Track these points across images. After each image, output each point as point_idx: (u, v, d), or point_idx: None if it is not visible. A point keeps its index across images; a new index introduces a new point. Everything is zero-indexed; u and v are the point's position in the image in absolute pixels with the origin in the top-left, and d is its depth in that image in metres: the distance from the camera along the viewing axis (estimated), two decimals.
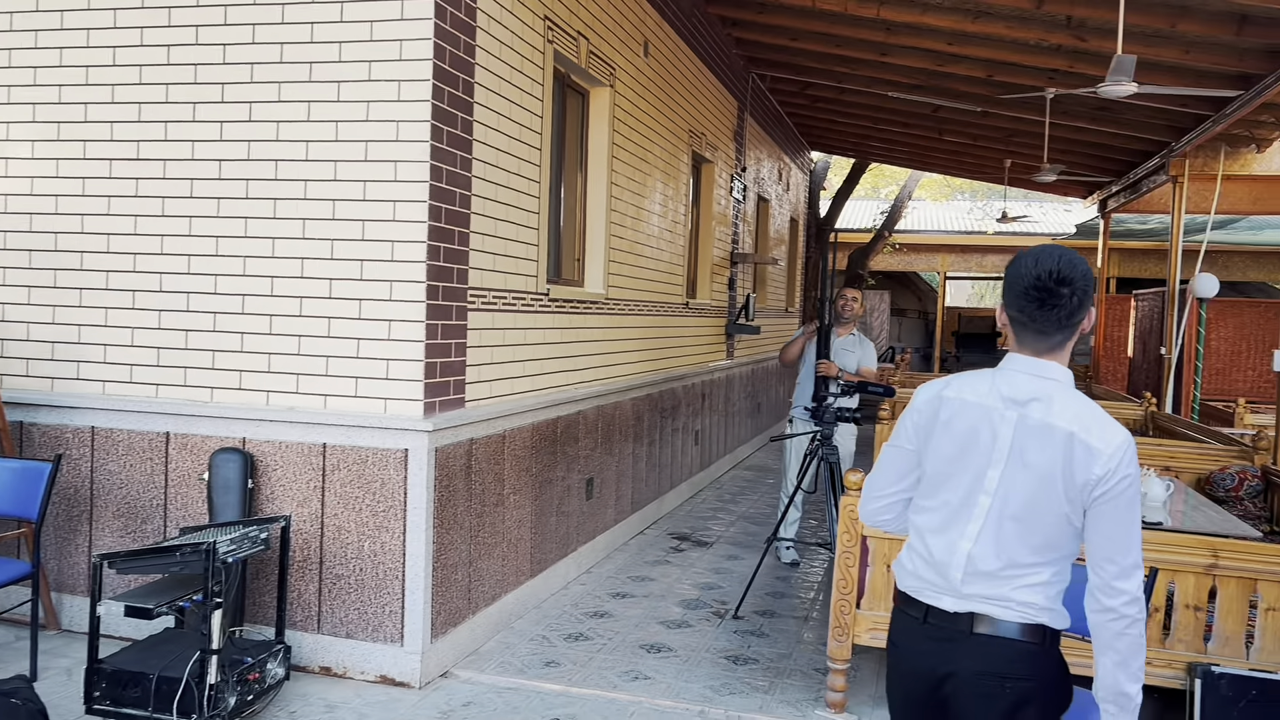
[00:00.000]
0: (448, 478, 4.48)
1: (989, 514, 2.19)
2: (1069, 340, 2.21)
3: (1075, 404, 2.16)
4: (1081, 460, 2.10)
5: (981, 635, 2.17)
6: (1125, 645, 2.11)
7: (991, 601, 2.17)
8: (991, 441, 2.19)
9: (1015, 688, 2.14)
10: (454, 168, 4.45)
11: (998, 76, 8.84)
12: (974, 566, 2.19)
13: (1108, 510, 2.10)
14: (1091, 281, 2.18)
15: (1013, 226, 19.55)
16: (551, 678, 4.49)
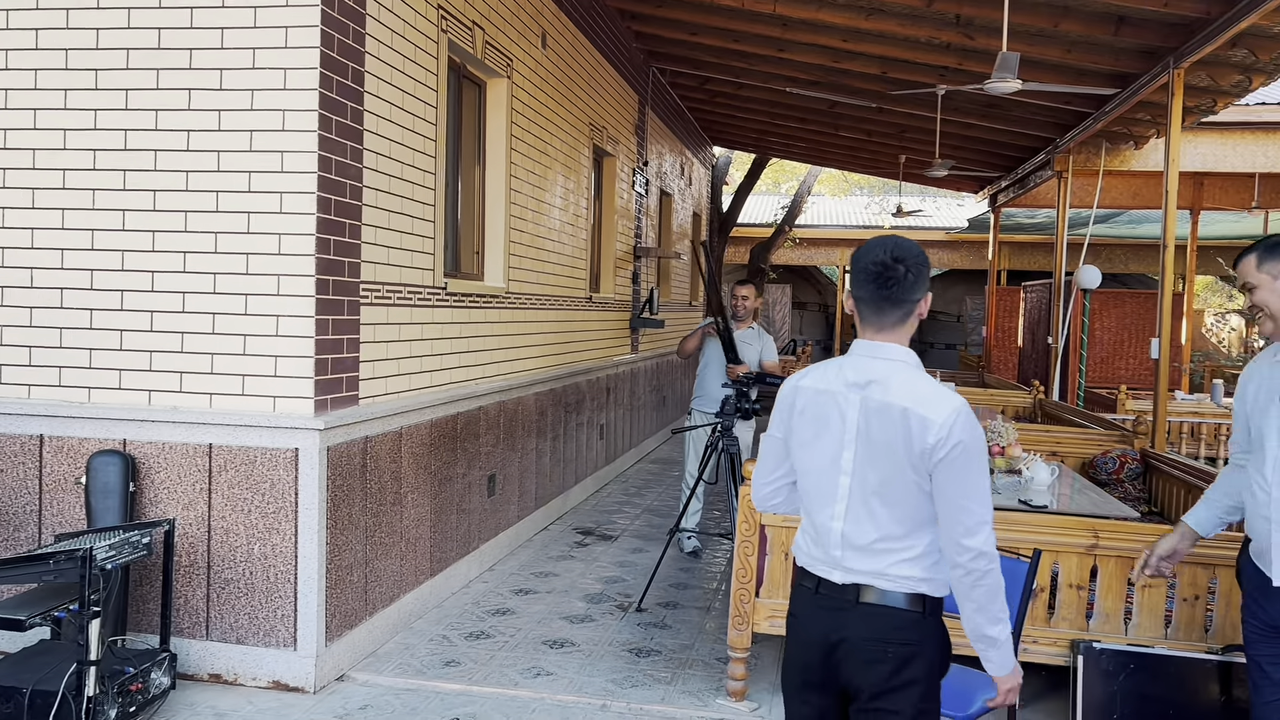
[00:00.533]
0: (341, 477, 4.38)
1: (851, 493, 2.35)
2: (905, 320, 2.37)
3: (910, 381, 2.31)
4: (917, 431, 2.25)
5: (866, 605, 2.33)
6: (981, 594, 2.28)
7: (873, 574, 2.33)
8: (841, 424, 2.35)
9: (898, 652, 2.30)
10: (344, 159, 4.34)
11: (891, 73, 9.04)
12: (849, 543, 2.35)
13: (947, 474, 2.24)
14: (925, 264, 2.36)
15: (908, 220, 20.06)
16: (452, 677, 4.43)
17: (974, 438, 2.26)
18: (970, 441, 2.25)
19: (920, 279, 2.34)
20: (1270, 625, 2.93)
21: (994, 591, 2.29)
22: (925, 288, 2.36)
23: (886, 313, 2.35)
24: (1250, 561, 3.01)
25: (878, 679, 2.30)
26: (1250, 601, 3.01)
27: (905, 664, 2.30)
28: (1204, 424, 10.80)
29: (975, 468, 2.26)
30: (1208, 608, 4.00)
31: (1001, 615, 2.32)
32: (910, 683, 2.31)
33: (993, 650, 2.36)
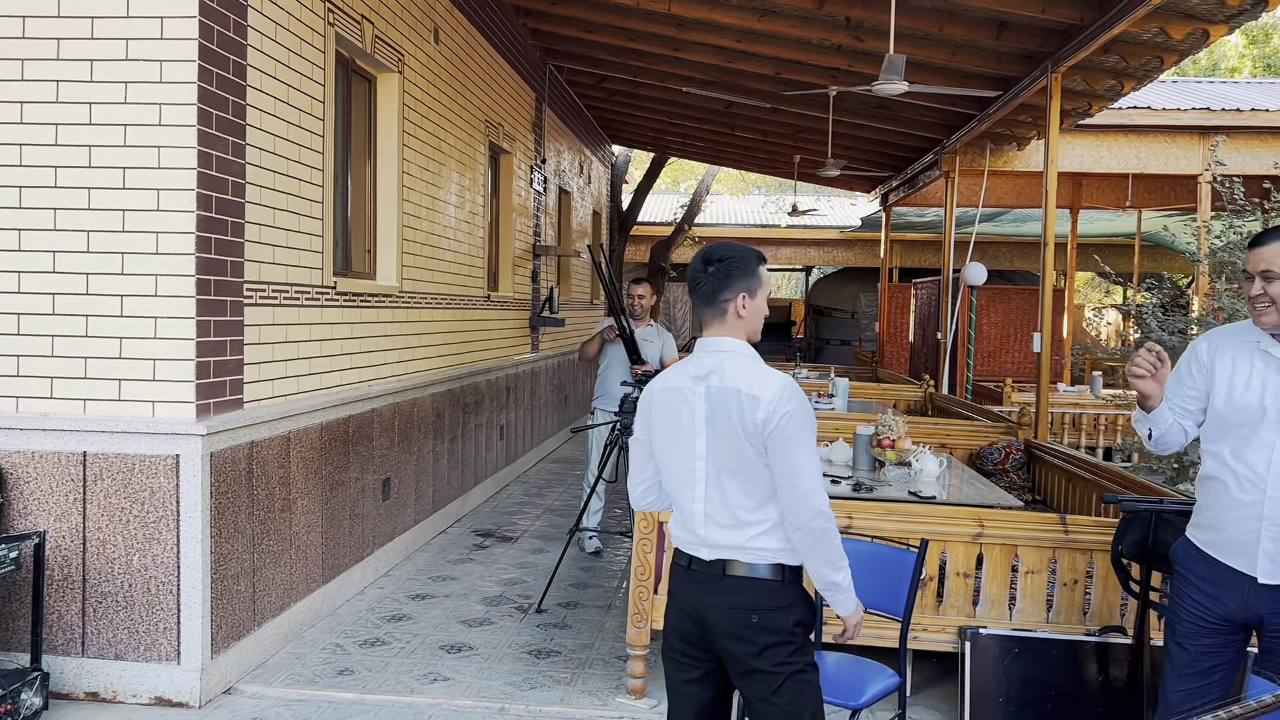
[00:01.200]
0: (226, 483, 4.23)
1: (707, 476, 2.57)
2: (725, 316, 2.60)
3: (742, 366, 2.55)
4: (749, 409, 2.49)
5: (732, 577, 2.56)
6: (823, 549, 2.52)
7: (734, 549, 2.56)
8: (691, 415, 2.58)
9: (764, 618, 2.53)
10: (226, 154, 4.20)
11: (785, 74, 9.19)
12: (711, 521, 2.57)
13: (779, 444, 2.48)
14: (738, 265, 2.59)
15: (804, 220, 20.43)
16: (345, 686, 4.32)
17: (799, 410, 2.49)
18: (795, 413, 2.48)
19: (728, 279, 2.57)
20: (1222, 618, 2.87)
21: (833, 545, 2.53)
22: (737, 287, 2.58)
23: (706, 312, 2.63)
24: (1202, 555, 2.93)
25: (749, 643, 2.52)
26: (1194, 593, 2.93)
27: (770, 628, 2.52)
28: (1084, 415, 11.28)
29: (803, 437, 2.49)
30: (1086, 591, 4.17)
31: (842, 563, 2.56)
32: (779, 643, 2.52)
33: (839, 594, 2.60)
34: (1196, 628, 2.91)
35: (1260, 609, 2.79)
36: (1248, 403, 2.84)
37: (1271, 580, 2.77)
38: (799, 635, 2.56)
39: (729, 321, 2.61)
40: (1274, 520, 2.75)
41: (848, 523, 4.14)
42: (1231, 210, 8.01)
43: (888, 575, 3.51)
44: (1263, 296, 2.82)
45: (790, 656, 2.54)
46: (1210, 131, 11.03)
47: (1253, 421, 2.82)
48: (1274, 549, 2.76)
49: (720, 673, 2.64)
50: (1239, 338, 2.93)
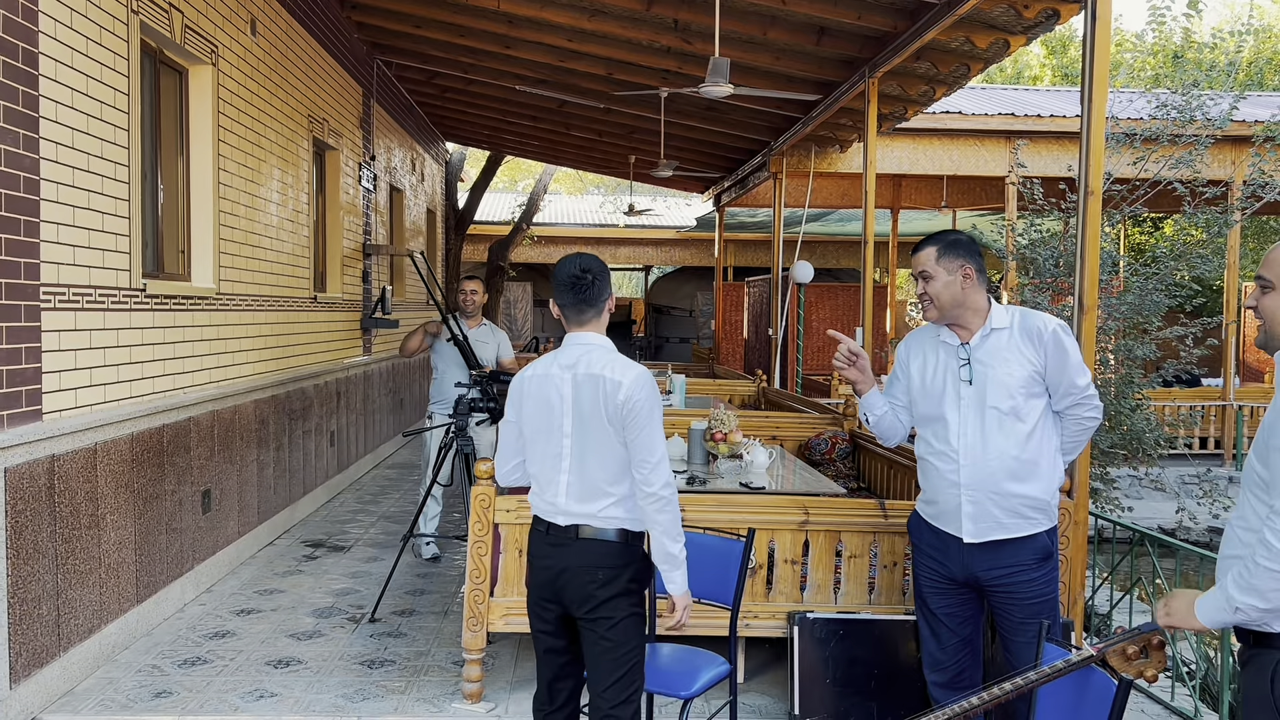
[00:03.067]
0: (24, 500, 3.93)
1: (572, 453, 2.96)
2: (599, 315, 3.04)
3: (606, 357, 2.97)
4: (610, 393, 2.90)
5: (583, 540, 2.95)
6: (665, 519, 2.92)
7: (587, 516, 2.95)
8: (560, 400, 2.96)
9: (607, 575, 2.92)
10: (16, 148, 3.90)
11: (617, 75, 9.26)
12: (571, 493, 2.96)
13: (635, 422, 2.90)
14: (606, 272, 3.05)
15: (640, 219, 20.68)
16: (162, 709, 4.10)
17: (652, 394, 2.91)
18: (648, 398, 2.91)
19: (605, 284, 3.03)
20: (949, 579, 3.28)
21: (676, 515, 2.94)
22: (607, 291, 3.04)
23: (584, 311, 3.02)
24: (925, 524, 3.35)
25: (594, 595, 2.91)
26: (927, 560, 3.35)
27: (613, 582, 2.92)
28: None
29: (656, 416, 2.91)
30: (905, 573, 4.37)
31: (680, 537, 2.97)
32: (620, 595, 2.92)
33: (675, 569, 2.98)
34: (933, 589, 3.33)
35: (974, 568, 3.21)
36: (935, 387, 3.28)
37: (973, 539, 3.19)
38: (635, 587, 2.97)
39: (602, 319, 3.04)
40: (970, 486, 3.17)
41: (681, 515, 4.20)
42: (1033, 210, 8.58)
43: (718, 565, 3.60)
44: (924, 295, 3.27)
45: (630, 609, 2.95)
46: (1014, 135, 11.78)
47: (941, 403, 3.25)
48: (974, 511, 3.18)
49: (567, 621, 3.01)
50: (926, 335, 3.40)
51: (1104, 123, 4.68)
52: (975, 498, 3.16)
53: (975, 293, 3.23)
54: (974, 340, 3.23)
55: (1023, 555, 3.17)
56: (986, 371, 3.18)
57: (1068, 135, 11.89)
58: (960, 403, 3.20)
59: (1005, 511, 3.15)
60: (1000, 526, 3.16)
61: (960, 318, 3.25)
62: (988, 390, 3.17)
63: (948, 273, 3.21)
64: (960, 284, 3.20)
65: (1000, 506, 3.15)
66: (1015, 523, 3.16)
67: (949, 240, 3.25)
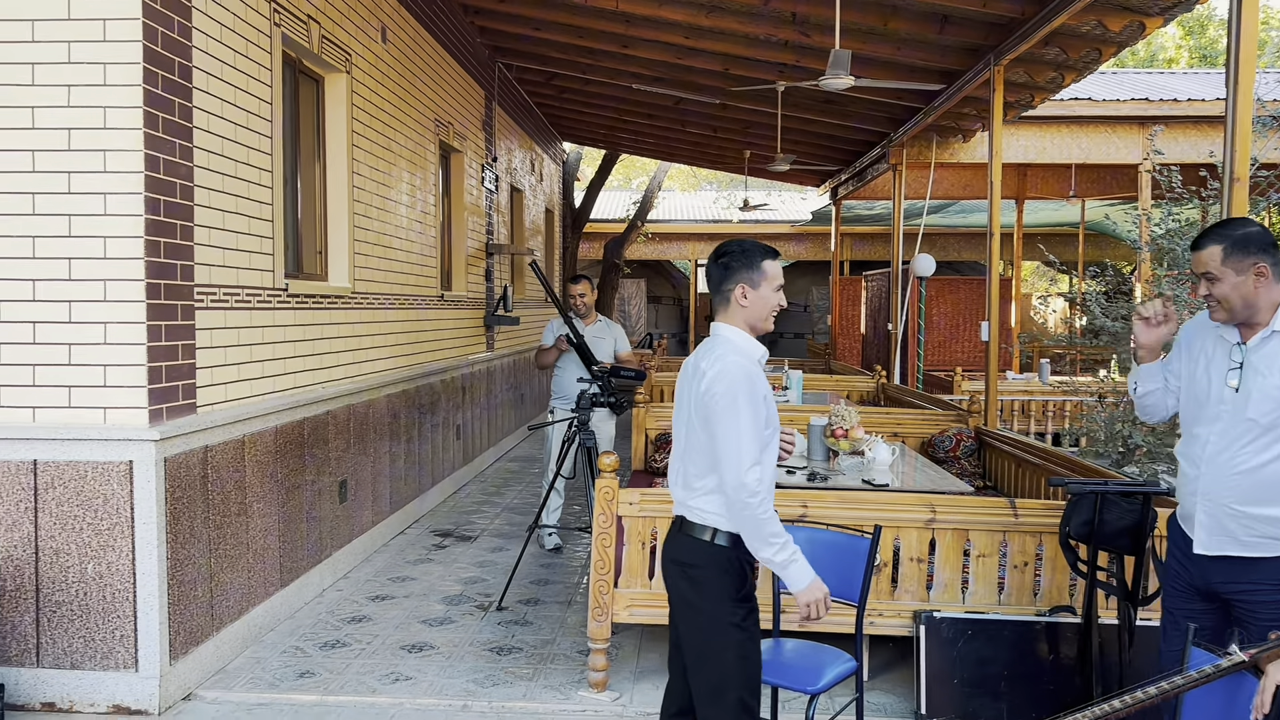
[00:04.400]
0: (181, 489, 4.20)
1: (684, 441, 2.95)
2: (725, 303, 2.94)
3: (715, 347, 2.90)
4: (696, 382, 2.86)
5: (679, 534, 2.95)
6: (746, 522, 2.79)
7: (684, 507, 2.94)
8: (685, 389, 2.97)
9: (695, 572, 2.87)
10: (173, 157, 4.16)
11: (733, 70, 9.26)
12: (677, 482, 2.97)
13: (709, 418, 2.80)
14: (739, 258, 2.90)
15: (755, 214, 20.57)
16: (306, 689, 4.31)
17: (730, 391, 2.76)
18: (724, 394, 2.76)
19: (729, 271, 2.90)
20: (1189, 584, 3.03)
21: (758, 520, 2.77)
22: (737, 279, 2.89)
23: (714, 299, 2.98)
24: (1178, 525, 3.10)
25: (685, 594, 2.89)
26: (1173, 562, 3.10)
27: (703, 582, 2.86)
28: (1033, 401, 11.50)
29: (731, 415, 2.76)
30: (1036, 573, 4.27)
31: (774, 540, 2.80)
32: (707, 597, 2.84)
33: (780, 570, 2.85)
34: (1172, 590, 3.11)
35: (1210, 579, 2.95)
36: (1199, 385, 3.00)
37: (1203, 551, 2.94)
38: (729, 591, 2.84)
39: (731, 309, 2.93)
40: (1207, 497, 2.91)
41: (803, 511, 4.21)
42: (1170, 199, 8.23)
43: (843, 562, 3.58)
44: (1209, 297, 2.93)
45: (715, 606, 2.84)
46: (1149, 121, 11.30)
47: (1199, 403, 2.99)
48: (1208, 522, 2.92)
49: None
50: (1209, 324, 3.05)
51: (1251, 105, 4.46)
52: (1211, 510, 2.90)
53: (1271, 290, 2.86)
54: (1253, 341, 2.89)
55: (1263, 575, 2.85)
56: (1256, 379, 2.85)
57: (1207, 120, 11.34)
58: (1220, 408, 2.90)
59: (1243, 529, 2.86)
60: (1236, 543, 2.88)
61: (1253, 317, 2.89)
62: (1251, 400, 2.84)
63: (1237, 273, 2.84)
64: (1253, 284, 2.84)
65: (1238, 523, 2.86)
66: (1256, 542, 2.85)
67: (1237, 236, 2.86)
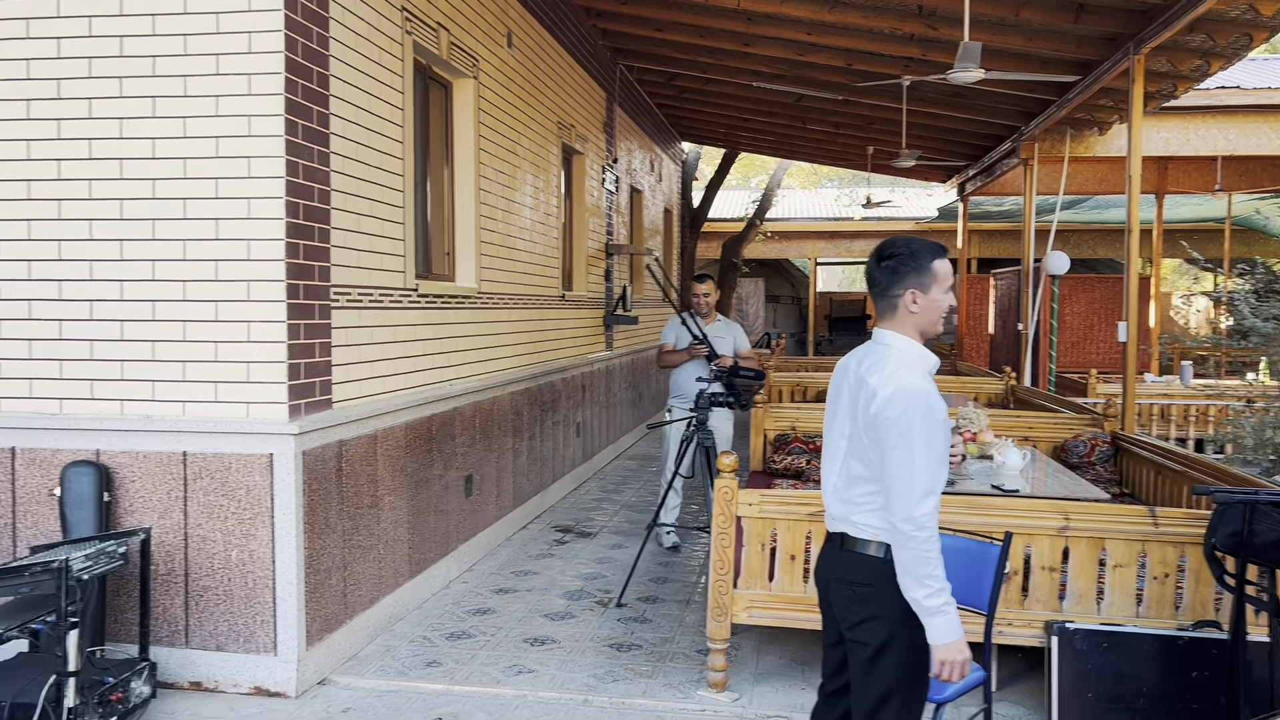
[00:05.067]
0: (317, 481, 4.37)
1: (844, 453, 2.76)
2: (893, 311, 2.74)
3: (884, 360, 2.67)
4: (866, 399, 2.65)
5: (843, 551, 2.76)
6: (907, 557, 2.56)
7: (848, 523, 2.75)
8: (845, 397, 2.78)
9: (860, 591, 2.70)
10: (311, 162, 4.34)
11: (856, 65, 9.11)
12: (835, 495, 2.79)
13: (881, 441, 2.59)
14: (908, 260, 2.69)
15: (878, 212, 20.20)
16: (433, 677, 4.44)
17: (907, 416, 2.54)
18: (899, 419, 2.55)
19: (896, 274, 2.69)
20: None
21: (919, 557, 2.54)
22: (907, 283, 2.69)
23: (878, 306, 2.79)
24: None
25: (850, 613, 2.72)
26: None
27: (865, 602, 2.68)
28: (1173, 405, 10.95)
29: (902, 442, 2.55)
30: (1178, 586, 4.07)
31: (929, 581, 2.55)
32: (871, 618, 2.66)
33: (925, 616, 2.58)
34: None
35: None
36: None
37: None
38: (894, 616, 2.63)
39: (899, 316, 2.73)
40: None
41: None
42: None
43: (972, 569, 3.48)
44: None
45: (885, 636, 2.65)
46: None
47: None
48: None
49: None
50: None
51: None
52: None
53: None
54: None
55: None
56: None
57: None
58: None
59: None
60: None
61: None
62: None
63: None
64: None
65: None
66: None
67: None
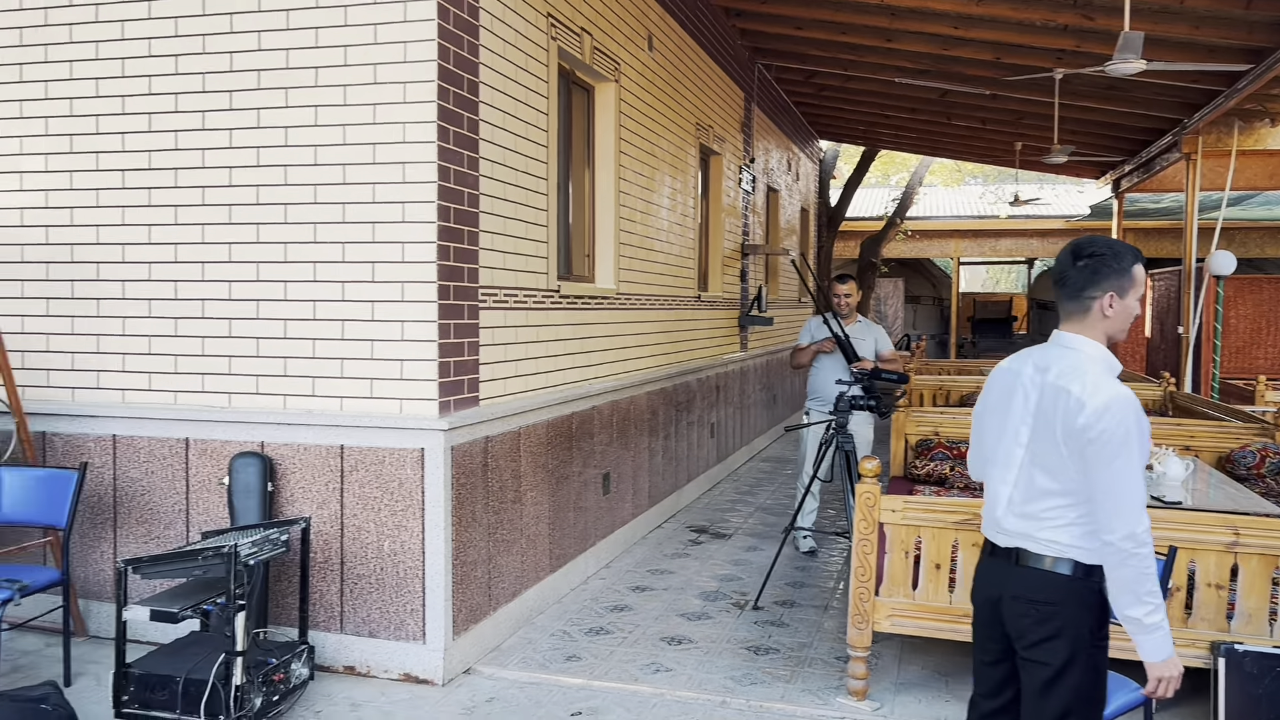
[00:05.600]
0: (464, 475, 4.51)
1: (1022, 464, 2.63)
2: (1084, 314, 2.61)
3: (1081, 367, 2.55)
4: (1073, 411, 2.49)
5: (1022, 567, 2.63)
6: (1127, 574, 2.45)
7: (1028, 538, 2.62)
8: (1024, 403, 2.64)
9: (1043, 610, 2.57)
10: (461, 167, 4.48)
11: (1005, 59, 8.81)
12: (1012, 508, 2.66)
13: (1095, 455, 2.46)
14: (1109, 261, 2.56)
15: (1025, 210, 19.47)
16: (573, 672, 4.52)
17: (1120, 427, 2.43)
18: (1116, 430, 2.43)
19: (1095, 276, 2.57)
20: None
21: (1141, 574, 2.44)
22: (1105, 285, 2.57)
23: (1065, 306, 2.65)
24: None
25: (1027, 632, 2.59)
26: None
27: (1048, 620, 2.56)
28: None
29: (1121, 455, 2.43)
30: None
31: (1149, 598, 2.45)
32: (1053, 637, 2.55)
33: (1141, 634, 2.49)
34: None
35: None
36: None
37: None
38: (1080, 635, 2.55)
39: (1090, 320, 2.61)
40: None
41: None
42: None
43: None
44: None
45: (1068, 656, 2.55)
46: None
47: None
48: None
49: (1014, 657, 2.70)
50: None
51: None
52: None
53: None
54: None
55: None
56: None
57: None
58: None
59: None
60: None
61: None
62: None
63: None
64: None
65: None
66: None
67: None
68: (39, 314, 4.89)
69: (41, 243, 4.85)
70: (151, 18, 4.61)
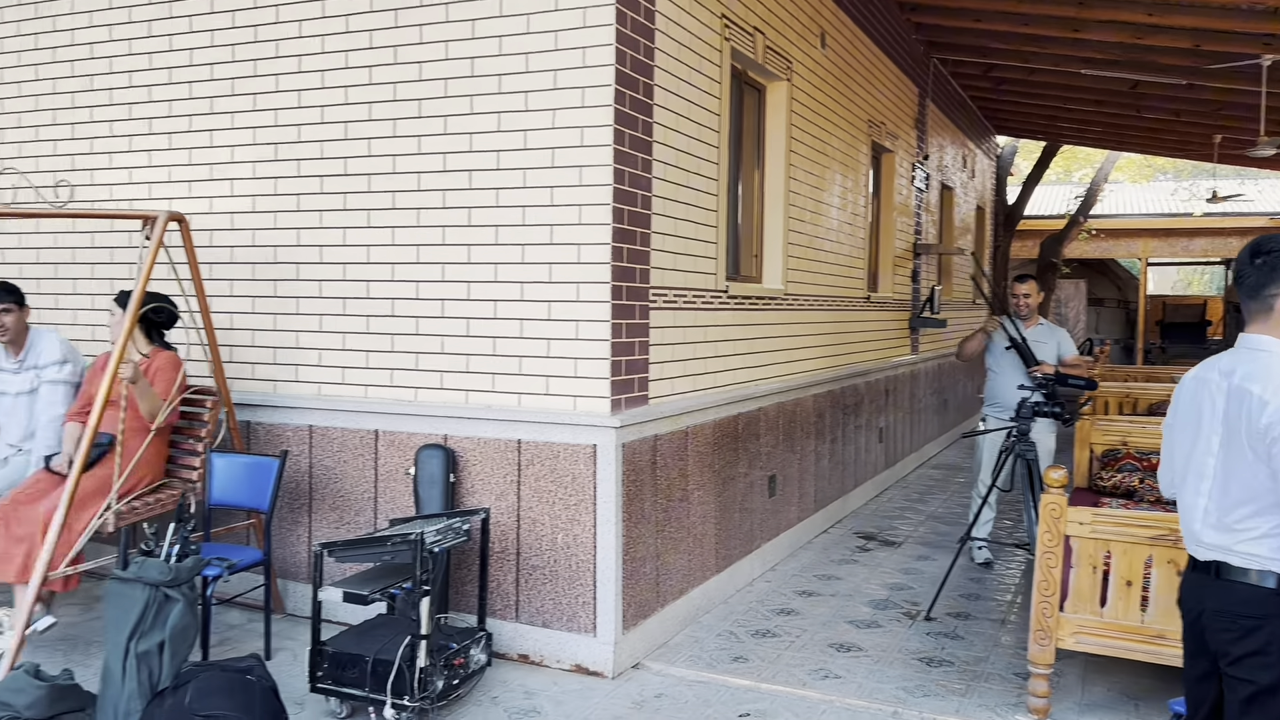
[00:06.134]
0: (634, 473, 4.58)
1: (1215, 474, 2.57)
2: (1266, 312, 2.53)
3: (1267, 367, 2.47)
4: (1255, 412, 2.43)
5: (1223, 581, 2.56)
6: None
7: (1223, 550, 2.56)
8: (1212, 411, 2.58)
9: (1244, 624, 2.49)
10: (635, 170, 4.55)
11: (1205, 46, 8.25)
12: (1208, 521, 2.60)
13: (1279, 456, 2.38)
14: None
15: (1224, 207, 18.16)
16: (740, 673, 4.52)
17: None
18: None
19: (1275, 272, 2.50)
20: None
21: None
22: None
23: (1248, 307, 2.58)
24: None
25: (1231, 649, 2.52)
26: None
27: (1253, 634, 2.48)
28: None
29: None
30: None
31: None
32: (1257, 652, 2.47)
33: None
34: None
35: None
36: None
37: None
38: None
39: (1274, 318, 2.54)
40: None
41: None
42: None
43: None
44: None
45: (1264, 673, 2.47)
46: None
47: None
48: None
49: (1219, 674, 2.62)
50: None
51: None
52: None
53: None
54: None
55: None
56: None
57: None
58: None
59: None
60: None
61: None
62: None
63: None
64: None
65: None
66: None
67: None
68: (245, 311, 5.26)
69: (248, 245, 5.22)
70: (347, 31, 4.88)
